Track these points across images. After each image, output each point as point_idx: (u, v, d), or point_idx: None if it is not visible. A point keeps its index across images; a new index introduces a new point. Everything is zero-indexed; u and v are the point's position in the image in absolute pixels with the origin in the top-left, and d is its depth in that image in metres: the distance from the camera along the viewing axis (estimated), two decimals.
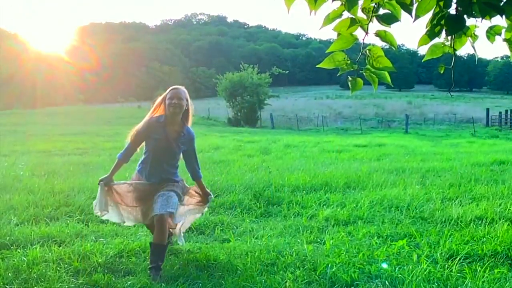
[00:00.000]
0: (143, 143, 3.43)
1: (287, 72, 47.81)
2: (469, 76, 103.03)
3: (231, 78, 38.49)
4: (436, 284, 2.89)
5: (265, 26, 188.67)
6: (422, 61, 2.43)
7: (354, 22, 2.01)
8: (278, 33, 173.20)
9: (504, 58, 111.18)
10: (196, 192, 3.63)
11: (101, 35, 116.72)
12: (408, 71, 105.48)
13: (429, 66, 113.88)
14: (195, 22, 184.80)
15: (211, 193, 3.66)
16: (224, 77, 39.25)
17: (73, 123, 30.48)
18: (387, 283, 2.90)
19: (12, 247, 3.49)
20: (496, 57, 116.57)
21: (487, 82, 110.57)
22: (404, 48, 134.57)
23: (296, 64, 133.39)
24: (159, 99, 3.45)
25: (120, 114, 42.55)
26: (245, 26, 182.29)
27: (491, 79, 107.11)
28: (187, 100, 3.40)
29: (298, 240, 3.80)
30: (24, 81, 63.95)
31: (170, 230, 3.42)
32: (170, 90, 3.40)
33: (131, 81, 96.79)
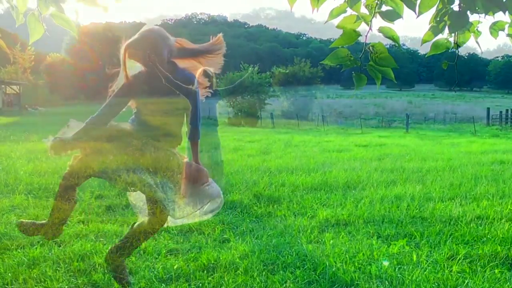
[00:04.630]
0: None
1: (287, 71, 47.85)
2: (470, 75, 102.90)
3: (231, 77, 38.56)
4: (436, 284, 2.89)
5: (265, 26, 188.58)
6: (426, 56, 2.45)
7: (359, 18, 2.02)
8: (278, 32, 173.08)
9: (505, 58, 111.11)
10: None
11: (102, 35, 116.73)
12: (408, 71, 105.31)
13: (430, 66, 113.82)
14: (195, 22, 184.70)
15: (202, 169, 2.46)
16: (224, 76, 39.30)
17: None
18: (387, 283, 2.89)
19: (12, 247, 3.49)
20: (497, 57, 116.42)
21: (487, 81, 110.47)
22: (404, 47, 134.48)
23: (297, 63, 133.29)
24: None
25: (120, 113, 42.45)
26: (246, 26, 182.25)
27: (492, 78, 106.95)
28: (164, 39, 2.49)
29: (298, 240, 3.79)
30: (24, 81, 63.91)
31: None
32: (126, 49, 2.44)
33: None
